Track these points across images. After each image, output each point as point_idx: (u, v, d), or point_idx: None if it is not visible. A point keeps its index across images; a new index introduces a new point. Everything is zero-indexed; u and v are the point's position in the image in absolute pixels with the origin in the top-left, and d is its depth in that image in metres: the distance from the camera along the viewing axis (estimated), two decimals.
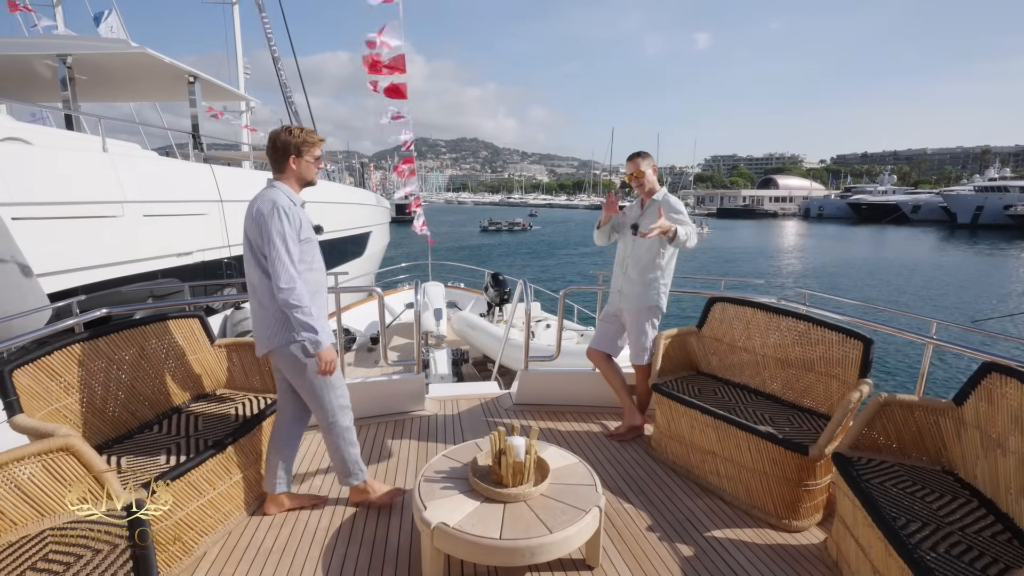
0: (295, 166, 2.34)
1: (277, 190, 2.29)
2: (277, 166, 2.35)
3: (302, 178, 2.38)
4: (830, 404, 2.81)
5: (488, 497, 2.15)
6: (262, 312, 2.32)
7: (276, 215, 2.19)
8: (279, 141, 2.31)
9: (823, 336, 2.89)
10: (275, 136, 2.32)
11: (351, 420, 2.55)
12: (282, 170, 2.34)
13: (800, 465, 2.47)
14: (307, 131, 2.36)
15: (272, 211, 2.19)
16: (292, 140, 2.31)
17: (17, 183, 4.52)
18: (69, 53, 7.68)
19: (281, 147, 2.31)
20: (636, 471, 3.02)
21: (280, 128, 2.34)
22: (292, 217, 2.24)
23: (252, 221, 2.24)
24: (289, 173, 2.35)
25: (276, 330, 2.30)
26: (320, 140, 2.39)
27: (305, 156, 2.34)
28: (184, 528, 2.21)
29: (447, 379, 6.29)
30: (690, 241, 3.00)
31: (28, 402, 2.06)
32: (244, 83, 16.04)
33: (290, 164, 2.33)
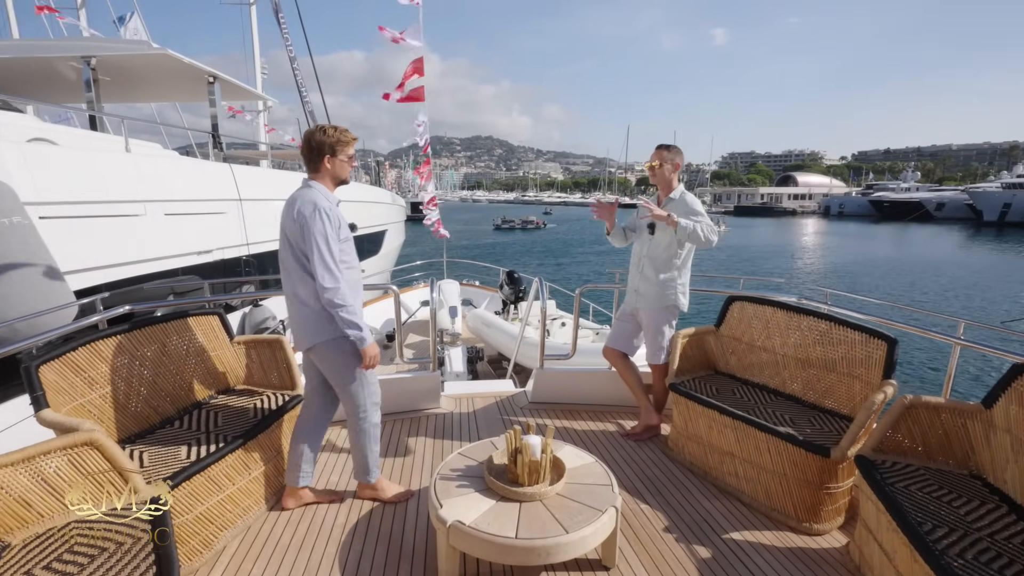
0: (329, 165, 2.36)
1: (315, 191, 2.31)
2: (312, 165, 2.36)
3: (336, 177, 2.40)
4: (852, 405, 2.75)
5: (504, 496, 2.15)
6: (303, 309, 2.35)
7: (318, 216, 2.22)
8: (314, 141, 2.33)
9: (845, 336, 2.84)
10: (310, 136, 2.34)
11: (379, 418, 2.58)
12: (317, 169, 2.36)
13: (821, 467, 2.42)
14: (341, 130, 2.38)
15: (314, 212, 2.22)
16: (327, 140, 2.32)
17: (44, 183, 4.62)
18: (93, 55, 7.83)
19: (316, 147, 2.33)
20: (653, 471, 2.99)
21: (315, 128, 2.36)
22: (332, 217, 2.27)
23: (293, 222, 2.26)
24: (324, 172, 2.37)
25: (318, 327, 2.34)
26: (354, 139, 2.40)
27: (339, 155, 2.36)
28: (204, 523, 2.24)
29: (462, 377, 6.30)
30: (705, 235, 2.94)
31: (54, 397, 2.10)
32: (261, 83, 16.25)
33: (324, 163, 2.35)
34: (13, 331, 2.92)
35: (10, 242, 3.12)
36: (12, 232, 3.18)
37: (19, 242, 3.17)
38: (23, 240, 3.20)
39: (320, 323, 2.34)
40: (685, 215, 3.01)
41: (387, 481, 2.71)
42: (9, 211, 3.25)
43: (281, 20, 17.36)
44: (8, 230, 3.16)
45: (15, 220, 3.22)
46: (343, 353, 2.39)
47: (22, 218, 3.30)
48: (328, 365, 2.43)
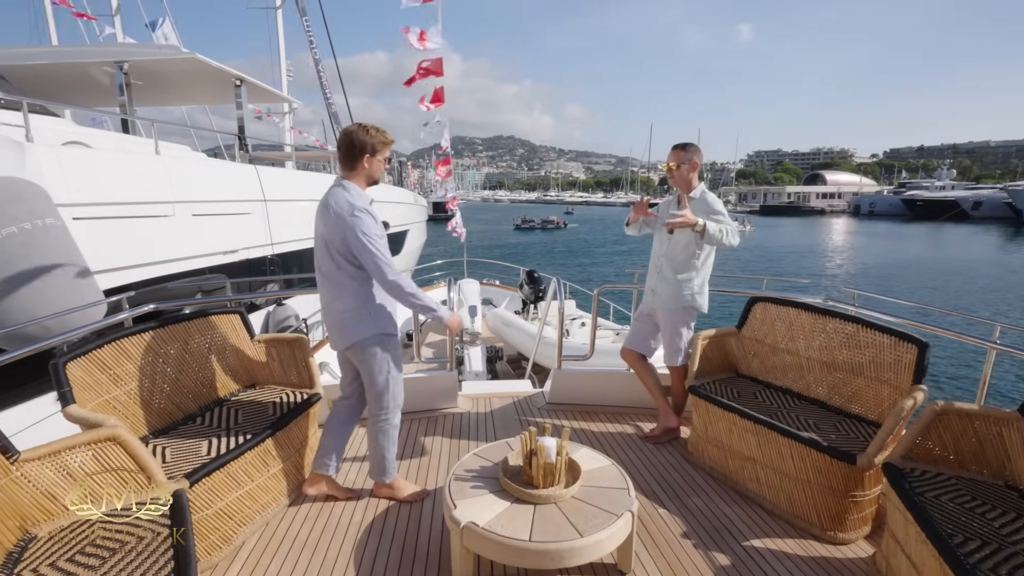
0: (367, 165, 2.37)
1: (349, 191, 2.32)
2: (349, 163, 2.36)
3: (371, 177, 2.42)
4: (880, 411, 2.66)
5: (518, 498, 2.13)
6: (340, 309, 2.39)
7: (359, 216, 2.24)
8: (356, 139, 2.32)
9: (873, 339, 2.74)
10: (351, 133, 2.33)
11: (399, 420, 2.62)
12: (353, 168, 2.36)
13: (847, 475, 2.35)
14: (382, 131, 2.38)
15: (353, 213, 2.24)
16: (369, 140, 2.33)
17: (77, 185, 4.76)
18: (126, 60, 8.07)
19: (359, 145, 2.33)
20: (671, 475, 2.94)
21: (357, 126, 2.36)
22: (375, 215, 2.31)
23: (329, 224, 2.28)
24: (360, 171, 2.37)
25: (355, 326, 2.39)
26: (392, 141, 2.43)
27: (378, 156, 2.38)
28: (224, 518, 2.27)
29: (481, 376, 6.31)
30: (727, 239, 2.88)
31: (80, 393, 2.16)
32: (287, 85, 16.56)
33: (363, 163, 2.35)
34: (44, 329, 3.02)
35: (43, 243, 3.23)
36: (45, 233, 3.29)
37: (52, 243, 3.28)
38: (55, 241, 3.30)
39: (356, 322, 2.39)
40: (705, 215, 2.95)
41: (403, 481, 2.72)
42: (43, 213, 3.35)
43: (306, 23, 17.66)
44: (41, 231, 3.26)
45: (48, 222, 3.33)
46: (377, 352, 2.43)
47: (55, 219, 3.40)
48: (363, 363, 2.47)
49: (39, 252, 3.19)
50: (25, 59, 7.73)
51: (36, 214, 3.28)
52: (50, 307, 3.07)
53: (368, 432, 2.62)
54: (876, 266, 27.36)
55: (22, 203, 3.26)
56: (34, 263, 3.13)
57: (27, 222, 3.19)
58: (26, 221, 3.19)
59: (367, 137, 2.33)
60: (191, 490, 2.11)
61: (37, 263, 3.15)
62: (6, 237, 3.14)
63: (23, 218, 3.21)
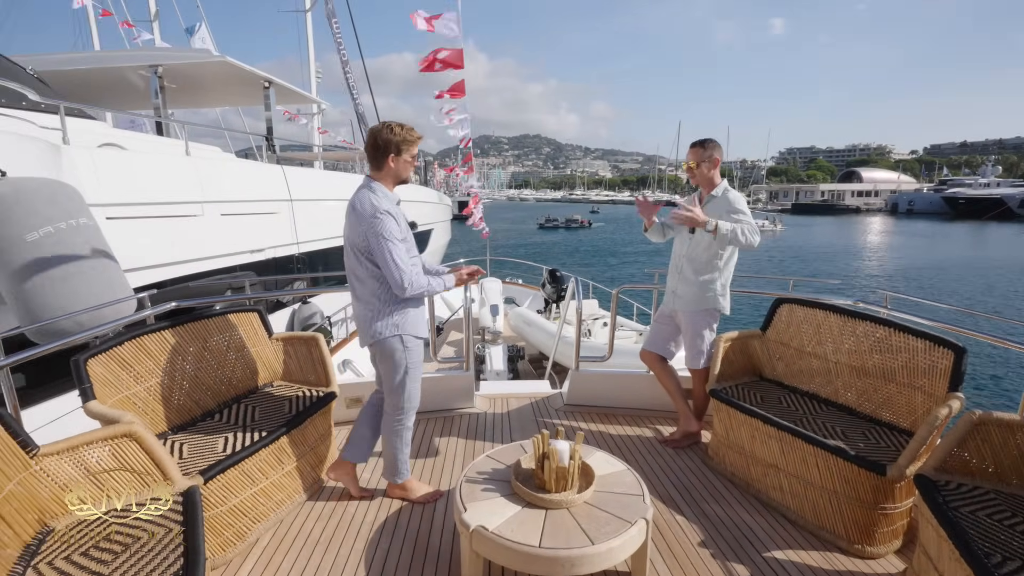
0: (393, 164, 2.35)
1: (375, 192, 2.31)
2: (376, 163, 2.36)
3: (398, 176, 2.40)
4: (913, 419, 2.53)
5: (530, 502, 2.09)
6: (363, 308, 2.42)
7: (380, 218, 2.24)
8: (380, 139, 2.32)
9: (907, 343, 2.61)
10: (376, 133, 2.32)
11: (412, 422, 2.61)
12: (380, 167, 2.36)
13: (876, 486, 2.24)
14: (407, 128, 2.35)
15: (374, 215, 2.23)
16: (393, 138, 2.31)
17: (110, 185, 4.91)
18: (160, 64, 8.31)
19: (382, 145, 2.32)
20: (691, 480, 2.86)
21: (381, 125, 2.34)
22: (397, 216, 2.30)
23: (355, 223, 2.30)
24: (387, 171, 2.37)
25: (375, 326, 2.40)
26: (419, 138, 2.39)
27: (404, 154, 2.36)
28: (238, 515, 2.29)
29: (502, 375, 6.29)
30: (744, 238, 2.77)
31: (100, 389, 2.20)
32: (316, 86, 16.85)
33: (388, 162, 2.34)
34: (77, 323, 3.11)
35: (75, 242, 3.32)
36: (78, 232, 3.38)
37: (84, 242, 3.37)
38: (87, 240, 3.39)
39: (376, 322, 2.40)
40: (727, 214, 2.85)
41: (416, 482, 2.71)
42: (77, 212, 3.45)
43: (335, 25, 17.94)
44: (75, 230, 3.36)
45: (81, 221, 3.42)
46: (395, 353, 2.44)
47: (87, 219, 3.50)
48: (382, 363, 2.50)
49: (72, 250, 3.28)
50: (65, 64, 8.03)
51: (70, 214, 3.38)
52: (82, 303, 3.16)
53: (382, 431, 2.62)
54: (914, 267, 26.32)
55: (57, 204, 3.36)
56: (68, 261, 3.23)
57: (62, 222, 3.29)
58: (61, 221, 3.29)
59: (391, 136, 2.31)
60: (205, 486, 2.14)
61: (70, 261, 3.24)
62: (42, 237, 3.25)
63: (58, 218, 3.31)
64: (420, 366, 2.54)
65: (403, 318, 2.41)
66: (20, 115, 4.80)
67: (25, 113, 4.88)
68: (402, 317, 2.41)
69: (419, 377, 2.55)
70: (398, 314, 2.40)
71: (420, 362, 2.54)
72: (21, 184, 3.29)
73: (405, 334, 2.42)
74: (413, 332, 2.46)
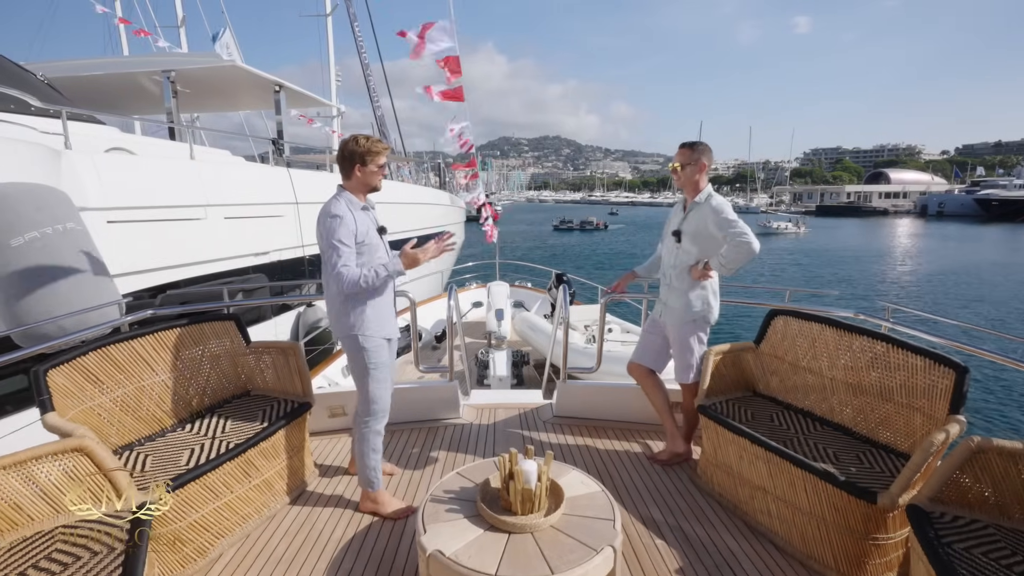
0: (360, 174, 2.46)
1: (340, 198, 2.42)
2: (344, 173, 2.49)
3: (366, 184, 2.51)
4: (912, 442, 2.37)
5: (493, 525, 1.99)
6: (330, 307, 2.52)
7: (330, 221, 2.33)
8: (346, 150, 2.45)
9: (906, 360, 2.44)
10: (343, 145, 2.47)
11: (382, 426, 2.61)
12: (349, 176, 2.48)
13: (867, 515, 2.09)
14: (372, 140, 2.47)
15: (325, 218, 2.35)
16: (357, 150, 2.43)
17: (112, 189, 4.96)
18: (172, 69, 8.43)
19: (348, 156, 2.45)
20: (676, 501, 2.72)
21: (349, 138, 2.49)
22: (347, 221, 2.36)
23: (317, 227, 2.43)
24: (355, 180, 2.48)
25: (337, 324, 2.50)
26: (384, 149, 2.49)
27: (369, 165, 2.45)
28: (199, 530, 2.24)
29: (506, 381, 6.19)
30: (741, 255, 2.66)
31: (61, 401, 2.17)
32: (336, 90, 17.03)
33: (355, 172, 2.46)
34: (60, 328, 3.10)
35: (62, 247, 3.33)
36: (65, 237, 3.39)
37: (71, 247, 3.38)
38: (75, 245, 3.40)
39: (338, 322, 2.49)
40: (715, 225, 2.72)
41: (389, 496, 2.65)
42: (64, 217, 3.46)
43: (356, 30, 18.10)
44: (62, 235, 3.37)
45: (69, 226, 3.43)
46: (354, 353, 2.50)
47: (75, 224, 3.51)
48: (349, 359, 2.56)
49: (59, 256, 3.29)
50: (79, 71, 8.19)
51: (58, 219, 3.39)
52: (68, 308, 3.16)
53: (352, 434, 2.61)
54: (942, 272, 25.40)
55: (45, 209, 3.38)
56: (53, 266, 3.24)
57: (49, 227, 3.30)
58: (48, 226, 3.30)
59: (356, 147, 2.43)
60: (170, 497, 2.09)
61: (56, 266, 3.25)
62: (28, 242, 3.26)
63: (46, 223, 3.33)
64: (384, 368, 2.55)
65: (360, 318, 2.46)
66: (21, 120, 4.88)
67: (26, 118, 4.96)
68: (359, 317, 2.46)
69: (383, 379, 2.56)
70: (355, 314, 2.45)
71: (384, 364, 2.55)
72: (7, 189, 3.31)
73: (363, 334, 2.46)
74: (373, 332, 2.48)
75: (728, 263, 2.70)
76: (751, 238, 2.63)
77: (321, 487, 2.85)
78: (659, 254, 3.21)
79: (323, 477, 2.95)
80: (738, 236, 2.65)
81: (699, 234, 2.81)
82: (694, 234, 2.82)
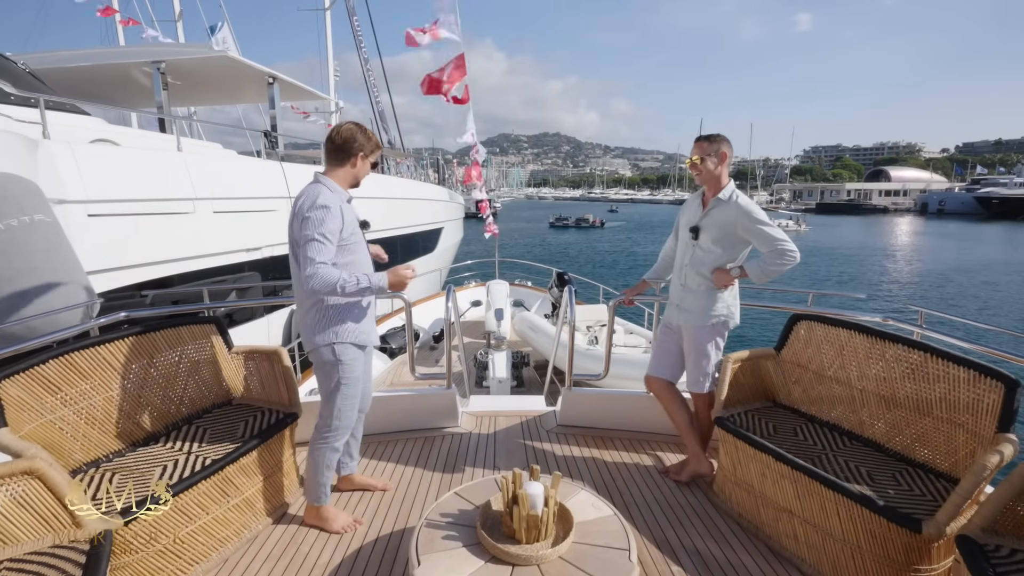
0: (356, 166, 2.29)
1: (323, 186, 2.19)
2: (339, 160, 2.26)
3: (357, 178, 2.33)
4: (954, 460, 2.16)
5: (494, 556, 1.78)
6: (303, 313, 2.29)
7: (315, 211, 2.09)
8: (355, 140, 2.24)
9: (946, 371, 2.23)
10: (352, 131, 2.25)
11: (341, 444, 2.40)
12: (342, 165, 2.27)
13: (909, 544, 1.89)
14: (374, 134, 2.33)
15: (312, 206, 2.10)
16: (367, 142, 2.27)
17: (94, 181, 4.73)
18: (162, 60, 8.18)
19: (349, 144, 2.25)
20: (692, 521, 2.52)
21: (356, 126, 2.28)
22: (336, 215, 2.12)
23: (293, 221, 2.16)
24: (346, 171, 2.28)
25: (313, 331, 2.26)
26: (380, 147, 2.38)
27: (369, 159, 2.32)
28: (171, 556, 2.03)
29: (505, 383, 5.98)
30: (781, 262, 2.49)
31: (16, 415, 1.95)
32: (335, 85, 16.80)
33: (353, 163, 2.27)
34: (29, 329, 2.88)
35: (28, 241, 3.11)
36: (32, 230, 3.16)
37: (38, 240, 3.15)
38: (42, 238, 3.18)
39: (313, 328, 2.26)
40: (744, 229, 2.52)
41: (335, 510, 2.48)
42: (31, 209, 3.24)
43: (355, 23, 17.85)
44: (28, 228, 3.14)
45: (36, 218, 3.21)
46: (327, 363, 2.29)
47: (44, 216, 3.29)
48: (317, 370, 2.34)
49: (23, 249, 3.06)
50: (68, 61, 7.94)
51: (24, 210, 3.16)
52: (32, 306, 2.95)
53: (309, 447, 2.41)
54: (945, 271, 25.16)
55: (11, 199, 3.15)
56: (16, 261, 3.01)
57: (13, 219, 3.08)
58: (12, 218, 3.08)
59: (366, 140, 2.28)
60: (128, 528, 1.88)
61: (20, 261, 3.02)
62: None
63: (10, 214, 3.10)
64: (356, 383, 2.34)
65: (340, 327, 2.25)
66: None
67: (2, 107, 4.72)
68: (340, 325, 2.25)
69: (353, 395, 2.36)
70: (335, 321, 2.25)
71: (356, 378, 2.34)
72: None
73: (340, 343, 2.24)
74: (351, 341, 2.27)
75: (768, 273, 2.51)
76: (792, 245, 2.45)
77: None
78: (666, 253, 3.00)
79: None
80: (779, 244, 2.47)
81: (723, 235, 2.60)
82: (716, 234, 2.61)
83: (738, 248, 2.62)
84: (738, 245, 2.61)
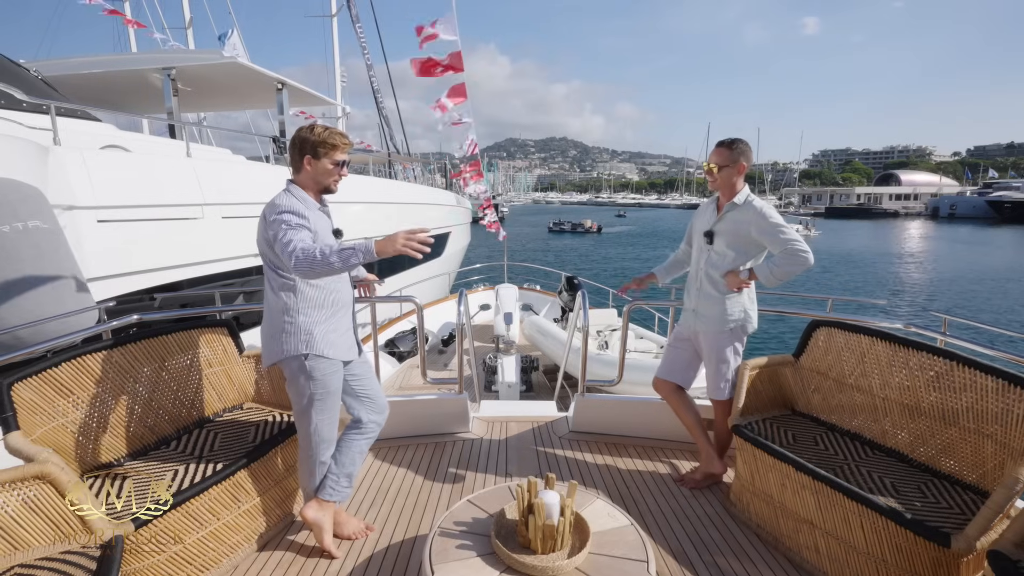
0: (310, 168, 2.10)
1: (288, 195, 2.08)
2: (294, 164, 2.14)
3: (317, 182, 2.14)
4: (982, 472, 2.10)
5: (509, 567, 1.75)
6: (270, 323, 2.15)
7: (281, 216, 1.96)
8: (296, 138, 2.11)
9: (973, 380, 2.18)
10: (295, 136, 2.12)
11: (329, 456, 2.27)
12: (298, 169, 2.13)
13: (937, 559, 1.83)
14: (331, 131, 2.10)
15: (277, 212, 1.97)
16: (310, 138, 2.07)
17: (103, 187, 4.74)
18: (172, 66, 8.24)
19: (297, 144, 2.10)
20: (709, 531, 2.46)
21: (305, 128, 2.12)
22: (299, 211, 2.00)
23: (263, 228, 2.05)
24: (304, 174, 2.12)
25: (278, 342, 2.11)
26: (344, 144, 2.12)
27: (323, 159, 2.08)
28: (181, 563, 2.01)
29: (514, 387, 5.95)
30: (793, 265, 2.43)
31: (29, 418, 1.94)
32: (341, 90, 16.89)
33: (305, 164, 2.10)
34: (16, 339, 2.81)
35: (21, 247, 3.06)
36: (27, 236, 3.12)
37: (31, 247, 3.10)
38: (36, 245, 3.13)
39: (278, 340, 2.11)
40: (759, 230, 2.48)
41: (347, 515, 2.44)
42: (28, 215, 3.19)
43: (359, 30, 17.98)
44: (21, 235, 3.09)
45: (31, 224, 3.15)
46: (296, 377, 2.14)
47: (41, 222, 3.24)
48: (288, 384, 2.20)
49: (17, 256, 3.02)
50: (79, 68, 8.01)
51: (19, 216, 3.11)
52: (26, 314, 2.90)
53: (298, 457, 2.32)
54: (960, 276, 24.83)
55: (5, 205, 3.11)
56: (10, 268, 2.97)
57: (6, 225, 3.04)
58: (5, 224, 3.04)
59: (309, 135, 2.07)
60: (138, 533, 1.86)
61: (14, 268, 2.99)
62: None
63: (4, 220, 3.06)
64: (334, 396, 2.20)
65: (309, 337, 2.08)
66: (8, 115, 4.67)
67: (14, 113, 4.76)
68: (308, 336, 2.08)
69: (330, 408, 2.20)
70: (306, 331, 2.08)
71: (335, 391, 2.19)
72: None
73: (313, 354, 2.08)
74: (323, 353, 2.10)
75: (779, 274, 2.46)
76: (806, 247, 2.40)
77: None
78: (678, 256, 2.97)
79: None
80: (792, 244, 2.42)
81: (738, 238, 2.56)
82: (731, 237, 2.57)
83: (752, 252, 2.58)
84: (752, 249, 2.57)
